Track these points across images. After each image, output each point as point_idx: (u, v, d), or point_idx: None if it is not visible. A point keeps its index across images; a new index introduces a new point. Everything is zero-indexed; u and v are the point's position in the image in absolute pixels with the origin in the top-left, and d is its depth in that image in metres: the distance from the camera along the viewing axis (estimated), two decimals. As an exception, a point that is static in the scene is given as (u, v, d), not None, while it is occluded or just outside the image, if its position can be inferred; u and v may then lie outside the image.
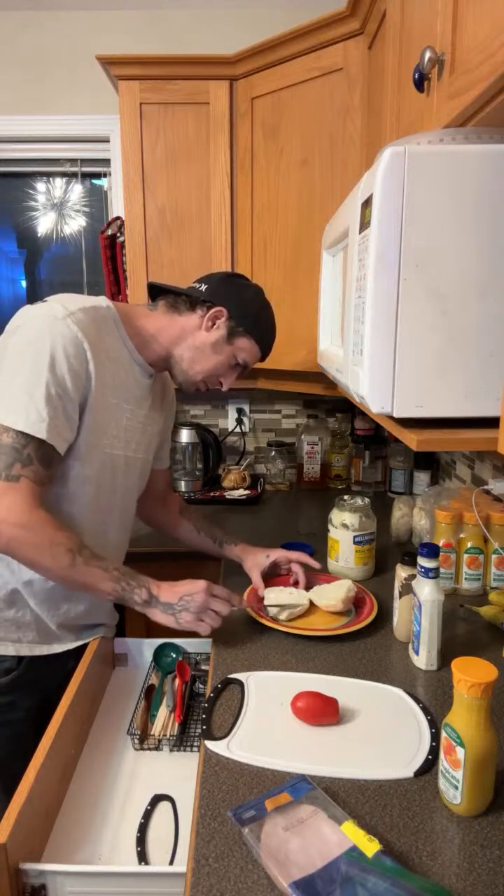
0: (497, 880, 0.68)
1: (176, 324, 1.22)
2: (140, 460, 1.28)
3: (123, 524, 1.30)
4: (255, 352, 1.26)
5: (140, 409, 1.24)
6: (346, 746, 0.89)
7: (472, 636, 1.19)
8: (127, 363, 1.19)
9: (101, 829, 0.90)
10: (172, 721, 1.11)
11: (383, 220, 0.79)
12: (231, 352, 1.24)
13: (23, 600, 1.15)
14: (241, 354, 1.25)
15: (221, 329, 1.21)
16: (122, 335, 1.18)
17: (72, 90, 2.12)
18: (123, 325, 1.18)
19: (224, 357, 1.24)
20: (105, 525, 1.23)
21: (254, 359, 1.27)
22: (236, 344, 1.23)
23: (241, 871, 0.69)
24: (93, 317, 1.11)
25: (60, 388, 1.04)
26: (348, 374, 0.98)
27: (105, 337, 1.13)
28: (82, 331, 1.07)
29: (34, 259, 2.37)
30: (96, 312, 1.13)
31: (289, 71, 1.65)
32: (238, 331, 1.22)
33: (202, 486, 2.14)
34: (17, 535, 1.01)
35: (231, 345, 1.23)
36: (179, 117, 1.79)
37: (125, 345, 1.19)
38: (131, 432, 1.22)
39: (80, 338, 1.06)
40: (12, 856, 0.76)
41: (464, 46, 0.76)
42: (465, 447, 0.83)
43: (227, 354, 1.24)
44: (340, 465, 2.23)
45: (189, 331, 1.21)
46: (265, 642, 1.17)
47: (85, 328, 1.07)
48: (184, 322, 1.22)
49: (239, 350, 1.24)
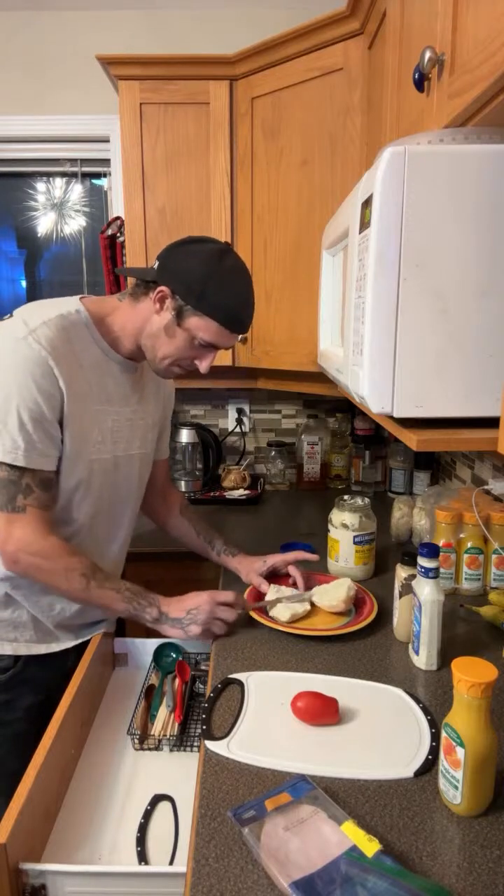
0: (497, 880, 0.68)
1: (137, 313, 1.15)
2: (136, 456, 1.27)
3: (123, 523, 1.29)
4: (215, 328, 1.09)
5: (126, 406, 1.22)
6: (346, 746, 0.89)
7: (472, 636, 1.19)
8: (104, 365, 1.16)
9: (101, 829, 0.90)
10: (172, 721, 1.11)
11: (383, 220, 0.79)
12: (186, 334, 1.10)
13: (17, 602, 1.15)
14: (199, 334, 1.09)
15: (170, 310, 1.10)
16: (95, 337, 1.14)
17: (72, 90, 2.12)
18: (95, 326, 1.14)
19: (181, 340, 1.11)
20: (103, 526, 1.23)
21: (217, 336, 1.10)
22: (187, 324, 1.09)
23: (241, 871, 0.69)
24: (59, 326, 1.07)
25: (34, 413, 1.03)
26: (348, 374, 0.98)
27: (75, 345, 1.09)
28: (46, 347, 1.03)
29: (34, 259, 2.37)
30: (64, 321, 1.08)
31: (289, 71, 1.65)
32: (186, 309, 1.08)
33: (202, 486, 2.14)
34: (35, 563, 1.07)
35: (182, 326, 1.09)
36: (179, 117, 1.79)
37: (99, 346, 1.15)
38: (119, 433, 1.21)
39: (44, 356, 1.02)
40: (12, 856, 0.76)
41: (464, 46, 0.76)
42: (465, 447, 0.83)
43: (182, 337, 1.11)
44: (340, 465, 2.23)
45: (146, 318, 1.14)
46: (265, 642, 1.17)
47: (50, 343, 1.04)
48: (142, 309, 1.14)
49: (194, 330, 1.09)
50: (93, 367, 1.14)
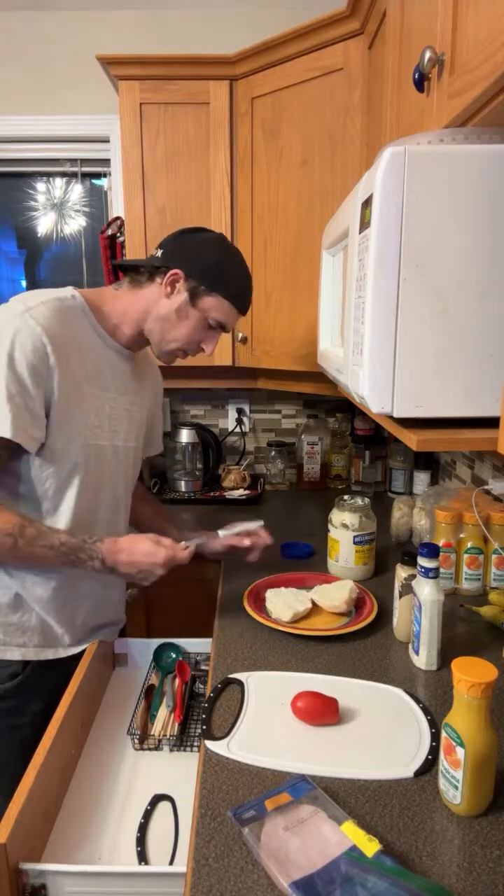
0: (497, 880, 0.68)
1: (140, 298, 1.17)
2: (132, 449, 1.27)
3: (117, 516, 1.27)
4: (227, 307, 1.16)
5: (124, 395, 1.21)
6: (346, 746, 0.89)
7: (472, 636, 1.19)
8: (101, 351, 1.16)
9: (101, 829, 0.90)
10: (172, 721, 1.11)
11: (383, 220, 0.79)
12: (199, 314, 1.16)
13: (27, 604, 1.14)
14: (212, 314, 1.16)
15: (182, 292, 1.14)
16: (93, 323, 1.15)
17: (72, 90, 2.12)
18: (93, 313, 1.15)
19: (193, 321, 1.16)
20: (96, 516, 1.20)
21: (228, 315, 1.18)
22: (202, 304, 1.15)
23: (241, 871, 0.69)
24: (56, 308, 1.08)
25: (20, 386, 1.02)
26: (348, 374, 0.98)
27: (72, 327, 1.10)
28: (42, 324, 1.04)
29: (34, 259, 2.37)
30: (60, 304, 1.09)
31: (289, 71, 1.65)
32: (200, 290, 1.14)
33: (202, 486, 2.14)
34: None
35: (196, 307, 1.15)
36: (179, 117, 1.79)
37: (97, 332, 1.15)
38: (117, 421, 1.20)
39: (39, 332, 1.03)
40: (12, 856, 0.76)
41: (464, 46, 0.76)
42: (465, 447, 0.83)
43: (195, 318, 1.16)
44: (340, 465, 2.23)
45: (153, 302, 1.16)
46: (265, 642, 1.17)
47: (46, 321, 1.05)
48: (146, 294, 1.17)
49: (208, 310, 1.15)
50: (89, 351, 1.13)
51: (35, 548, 1.05)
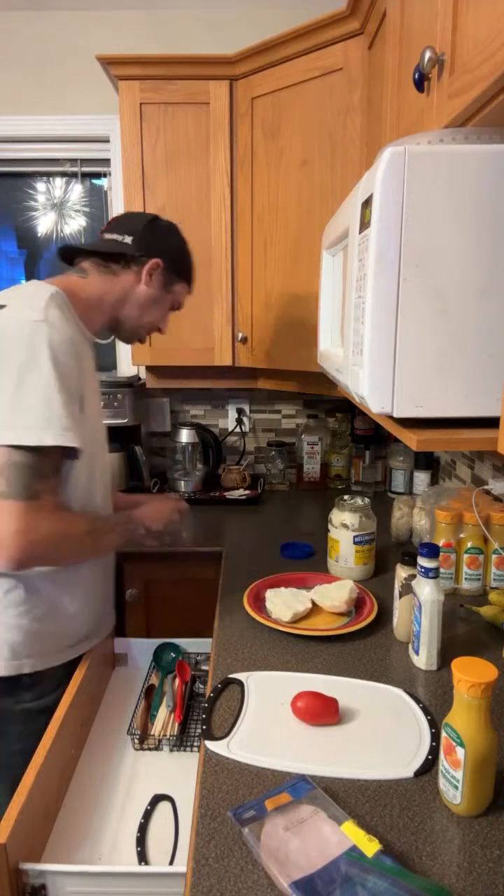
0: (497, 880, 0.68)
1: (116, 285, 1.20)
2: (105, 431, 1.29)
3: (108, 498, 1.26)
4: (186, 290, 1.32)
5: (97, 383, 1.24)
6: (346, 746, 0.89)
7: (472, 636, 1.19)
8: (84, 342, 1.16)
9: (101, 829, 0.90)
10: (172, 721, 1.12)
11: (383, 220, 0.79)
12: (170, 299, 1.29)
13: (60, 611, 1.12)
14: (178, 298, 1.31)
15: (158, 279, 1.24)
16: (74, 316, 1.14)
17: (72, 90, 2.12)
18: (71, 305, 1.14)
19: (166, 305, 1.29)
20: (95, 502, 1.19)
21: (185, 297, 1.34)
22: (174, 291, 1.28)
23: (241, 871, 0.69)
24: (59, 306, 1.07)
25: (69, 394, 1.02)
26: (348, 374, 0.98)
27: (71, 323, 1.10)
28: (63, 329, 1.04)
29: (34, 259, 2.37)
30: (59, 299, 1.08)
31: (289, 71, 1.65)
32: (173, 278, 1.26)
33: (202, 486, 2.14)
34: (49, 553, 1.05)
35: (170, 293, 1.28)
36: (179, 117, 1.79)
37: (78, 325, 1.15)
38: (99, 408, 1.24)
39: (67, 337, 1.04)
40: (12, 856, 0.76)
41: (464, 46, 0.76)
42: (465, 447, 0.83)
43: (167, 303, 1.28)
44: (340, 465, 2.23)
45: (129, 289, 1.22)
46: (265, 642, 1.17)
47: (63, 325, 1.05)
48: (123, 282, 1.21)
49: (176, 295, 1.29)
50: (81, 344, 1.13)
51: (106, 536, 1.14)
